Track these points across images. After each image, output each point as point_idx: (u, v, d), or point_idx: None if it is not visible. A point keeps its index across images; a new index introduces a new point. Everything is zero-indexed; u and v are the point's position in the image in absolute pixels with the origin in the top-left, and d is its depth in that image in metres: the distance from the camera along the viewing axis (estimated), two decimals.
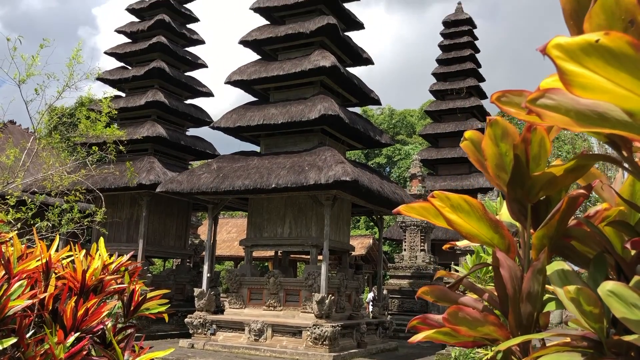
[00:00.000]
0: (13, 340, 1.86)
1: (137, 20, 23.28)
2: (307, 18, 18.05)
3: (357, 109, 31.45)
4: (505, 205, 1.48)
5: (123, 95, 22.40)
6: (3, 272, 2.06)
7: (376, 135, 18.86)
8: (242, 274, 17.34)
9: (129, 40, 23.06)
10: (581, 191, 1.27)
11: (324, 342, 14.59)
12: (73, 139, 11.27)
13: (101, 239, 2.79)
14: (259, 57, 18.97)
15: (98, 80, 20.84)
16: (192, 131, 24.08)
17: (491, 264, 1.40)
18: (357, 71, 78.57)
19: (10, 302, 1.92)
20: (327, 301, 14.96)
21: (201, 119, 22.89)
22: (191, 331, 16.99)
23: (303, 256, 28.93)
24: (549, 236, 1.31)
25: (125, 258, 2.66)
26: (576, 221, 1.34)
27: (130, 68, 22.54)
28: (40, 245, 2.35)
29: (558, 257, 1.44)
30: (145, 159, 20.09)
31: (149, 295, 2.54)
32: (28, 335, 2.00)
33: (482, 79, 32.72)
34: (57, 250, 2.49)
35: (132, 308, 2.46)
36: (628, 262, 1.25)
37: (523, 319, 1.29)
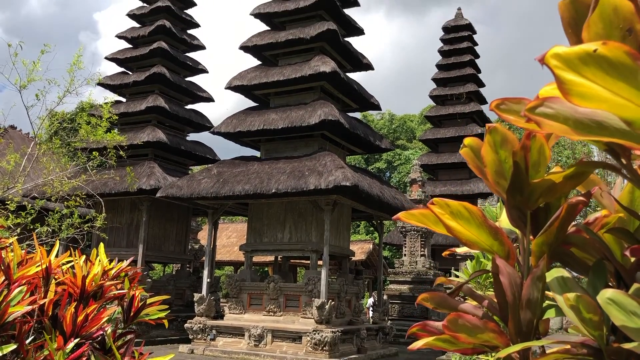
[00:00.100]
0: (13, 346, 1.86)
1: (138, 25, 23.35)
2: (308, 24, 18.10)
3: (357, 114, 31.51)
4: (505, 211, 1.49)
5: (124, 100, 22.45)
6: (3, 278, 2.06)
7: (376, 140, 18.88)
8: (242, 279, 17.32)
9: (130, 45, 23.12)
10: (580, 198, 1.27)
11: (324, 348, 14.55)
12: (73, 144, 11.28)
13: (101, 245, 2.79)
14: (260, 63, 19.02)
15: (99, 85, 20.89)
16: (193, 136, 24.17)
17: (491, 271, 1.40)
18: (357, 76, 78.73)
19: (10, 308, 1.92)
20: (327, 306, 14.94)
21: (201, 124, 22.92)
22: (191, 336, 16.96)
23: (303, 261, 28.91)
24: (549, 243, 1.31)
25: (125, 264, 2.66)
26: (575, 228, 1.35)
27: (130, 73, 22.58)
28: (40, 250, 2.35)
29: (558, 264, 1.44)
30: (145, 164, 20.10)
31: (149, 301, 2.54)
32: (28, 341, 2.00)
33: (482, 85, 32.77)
34: (57, 255, 2.49)
35: (132, 314, 2.46)
36: (627, 270, 1.25)
37: (523, 326, 1.29)
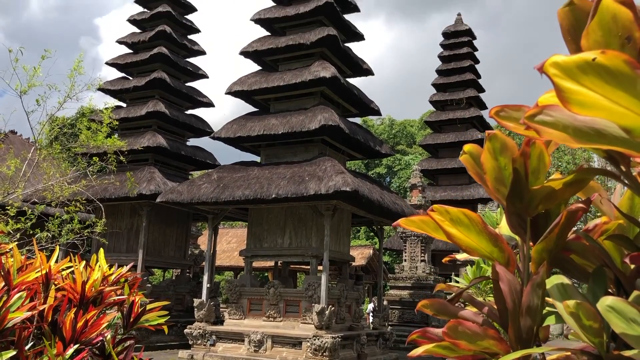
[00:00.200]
0: (12, 352, 1.86)
1: (139, 31, 23.43)
2: (308, 29, 18.15)
3: (357, 119, 31.55)
4: (504, 218, 1.49)
5: (124, 105, 22.49)
6: (3, 284, 2.06)
7: (376, 145, 18.90)
8: (242, 285, 17.29)
9: (131, 50, 23.19)
10: (580, 205, 1.28)
11: (324, 354, 14.52)
12: (74, 150, 11.29)
13: (101, 250, 2.79)
14: (260, 68, 19.06)
15: (99, 90, 20.90)
16: (193, 141, 24.18)
17: (491, 278, 1.40)
18: (358, 82, 78.72)
19: (9, 314, 1.92)
20: (327, 312, 14.91)
21: (202, 129, 22.96)
22: (191, 342, 16.92)
23: (303, 267, 28.86)
24: (548, 250, 1.31)
25: (125, 269, 2.66)
26: (575, 235, 1.35)
27: (131, 78, 22.64)
28: (40, 256, 2.35)
29: (557, 270, 1.44)
30: (145, 169, 20.12)
31: (149, 306, 2.54)
32: (27, 347, 1.99)
33: (482, 90, 32.83)
34: (57, 261, 2.49)
35: (132, 319, 2.46)
36: (627, 277, 1.25)
37: (523, 333, 1.29)
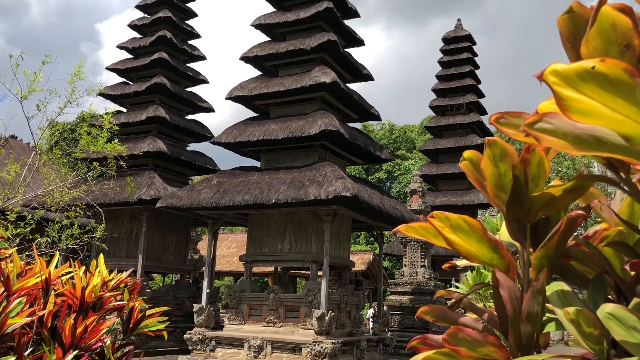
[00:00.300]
0: (12, 358, 1.86)
1: (139, 36, 23.47)
2: (308, 35, 18.19)
3: (358, 125, 31.57)
4: (505, 224, 1.49)
5: (124, 110, 22.51)
6: (2, 289, 2.06)
7: (376, 150, 18.90)
8: (242, 290, 17.26)
9: (131, 56, 23.23)
10: (580, 212, 1.28)
11: (324, 359, 14.48)
12: (74, 155, 11.29)
13: (101, 256, 2.79)
14: (260, 73, 19.09)
15: (100, 95, 20.95)
16: (193, 146, 24.16)
17: (491, 284, 1.40)
18: (358, 87, 78.95)
19: (9, 320, 1.92)
20: (327, 317, 14.88)
21: (202, 134, 22.97)
22: (190, 347, 16.87)
23: (303, 272, 28.83)
24: (548, 256, 1.31)
25: (125, 275, 2.66)
26: (575, 241, 1.35)
27: (131, 83, 22.66)
28: (39, 261, 2.35)
29: (557, 276, 1.43)
30: (145, 174, 20.12)
31: (148, 312, 2.53)
32: (26, 353, 1.99)
33: (482, 95, 32.87)
34: (57, 266, 2.49)
35: (132, 325, 2.45)
36: (627, 283, 1.25)
37: (523, 340, 1.29)
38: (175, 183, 20.64)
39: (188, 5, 24.20)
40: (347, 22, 19.27)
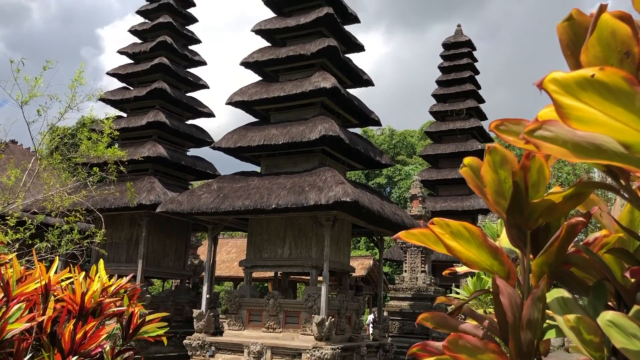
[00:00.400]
0: None
1: (140, 41, 23.53)
2: (308, 40, 18.24)
3: (358, 130, 31.62)
4: (505, 230, 1.49)
5: (124, 115, 22.54)
6: (2, 295, 2.06)
7: (376, 155, 18.92)
8: (242, 295, 17.23)
9: (132, 61, 23.27)
10: (580, 219, 1.28)
11: None
12: (74, 160, 11.30)
13: (101, 261, 2.79)
14: (260, 78, 19.12)
15: (100, 100, 20.97)
16: (193, 151, 24.20)
17: (491, 291, 1.40)
18: (358, 92, 79.09)
19: (8, 326, 1.91)
20: (327, 323, 14.85)
21: (202, 139, 22.99)
22: (190, 353, 16.83)
23: (303, 277, 28.79)
24: (549, 263, 1.31)
25: (124, 280, 2.65)
26: (575, 248, 1.35)
27: (132, 88, 22.70)
28: (39, 267, 2.35)
29: (558, 283, 1.43)
30: (145, 179, 20.12)
31: (148, 317, 2.53)
32: (26, 358, 1.99)
33: (482, 101, 32.91)
34: (57, 272, 2.48)
35: (131, 331, 2.45)
36: (628, 290, 1.25)
37: (523, 347, 1.29)
38: (175, 188, 20.64)
39: (188, 10, 24.28)
40: (348, 28, 19.33)
